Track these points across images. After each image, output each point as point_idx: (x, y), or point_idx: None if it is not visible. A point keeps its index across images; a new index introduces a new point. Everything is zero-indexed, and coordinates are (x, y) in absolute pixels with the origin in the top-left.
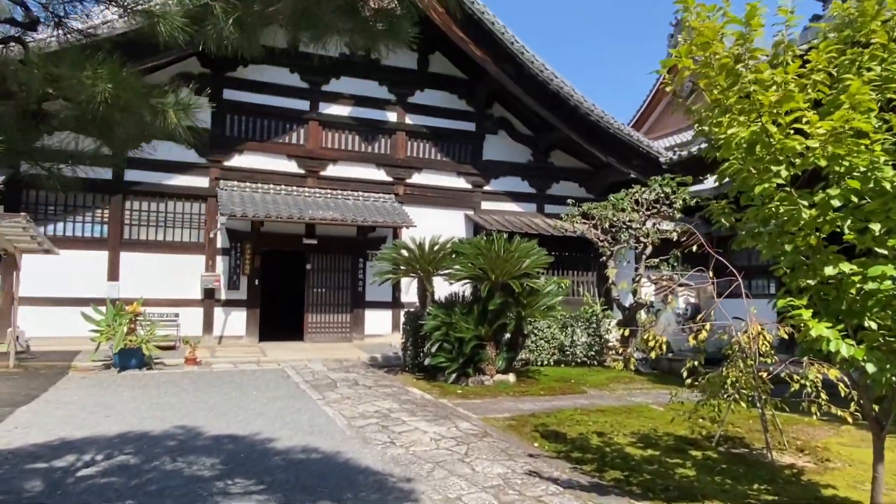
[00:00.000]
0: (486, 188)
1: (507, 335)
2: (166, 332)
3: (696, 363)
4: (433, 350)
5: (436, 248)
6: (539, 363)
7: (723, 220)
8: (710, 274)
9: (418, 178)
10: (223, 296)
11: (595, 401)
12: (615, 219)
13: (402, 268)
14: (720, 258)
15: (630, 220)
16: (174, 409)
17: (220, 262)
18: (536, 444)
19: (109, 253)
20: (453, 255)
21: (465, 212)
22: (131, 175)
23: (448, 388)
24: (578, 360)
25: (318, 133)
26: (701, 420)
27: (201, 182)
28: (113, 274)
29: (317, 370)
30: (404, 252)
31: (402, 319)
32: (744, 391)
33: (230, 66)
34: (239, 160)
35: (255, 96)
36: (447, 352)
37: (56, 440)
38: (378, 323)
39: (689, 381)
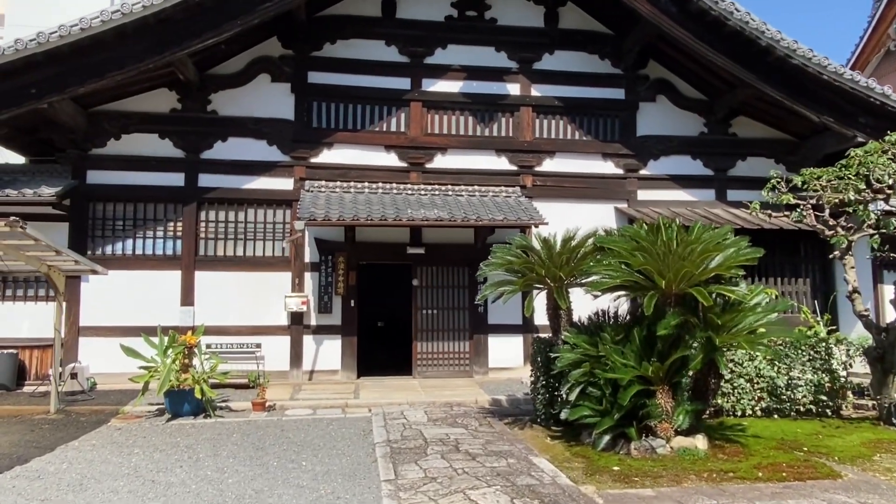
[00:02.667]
0: (644, 172)
1: (690, 374)
2: (245, 366)
3: None
4: (572, 397)
5: (571, 244)
6: (736, 413)
7: None
8: None
9: (550, 165)
10: (313, 321)
11: (870, 498)
12: (861, 190)
13: (521, 275)
14: None
15: (889, 188)
16: (162, 499)
17: (309, 280)
18: None
19: (182, 272)
20: (598, 255)
21: (615, 204)
22: (205, 180)
23: (597, 461)
24: (800, 409)
25: (422, 116)
26: None
27: (284, 184)
28: (187, 297)
29: (413, 421)
30: (525, 253)
31: (532, 346)
32: None
33: (315, 44)
34: (328, 156)
35: (345, 77)
36: (594, 400)
37: None
38: (505, 352)
39: None
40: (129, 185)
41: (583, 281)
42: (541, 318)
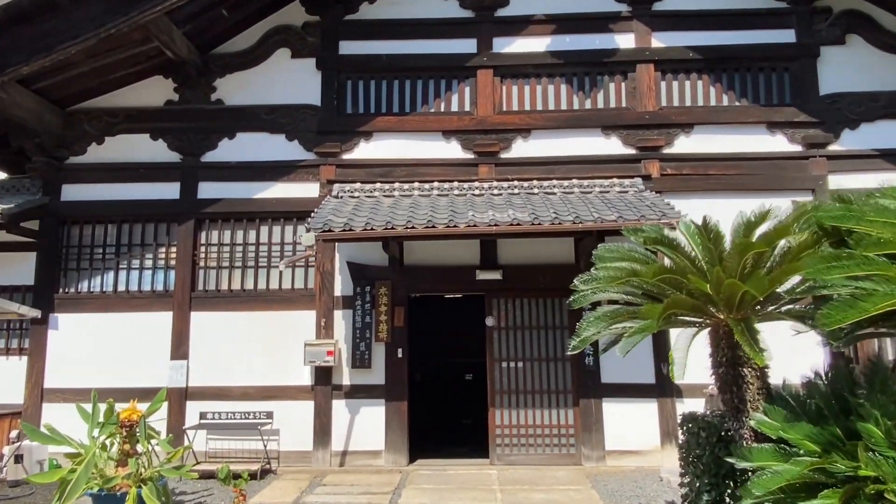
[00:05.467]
0: (835, 148)
1: None
2: (250, 444)
3: None
4: None
5: (757, 230)
6: None
7: None
8: None
9: (686, 144)
10: (345, 379)
11: None
12: None
13: (653, 299)
14: None
15: None
16: None
17: (340, 321)
18: None
19: (174, 314)
20: (821, 251)
21: (793, 197)
22: (206, 189)
23: None
24: None
25: (494, 89)
26: None
27: (308, 190)
28: (179, 348)
29: None
30: (659, 257)
31: (680, 431)
32: None
33: (348, 5)
34: (365, 149)
35: (387, 44)
36: None
37: None
38: (630, 426)
39: None
40: (112, 200)
41: (794, 307)
42: (687, 372)
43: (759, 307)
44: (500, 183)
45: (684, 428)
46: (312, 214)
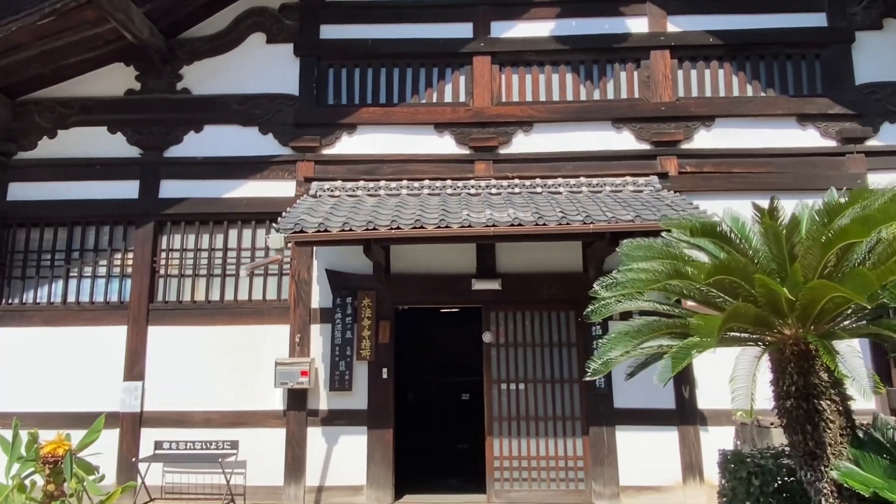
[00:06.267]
0: (873, 143)
1: None
2: (211, 478)
3: None
4: None
5: (839, 223)
6: None
7: None
8: None
9: (707, 139)
10: (322, 403)
11: None
12: None
13: (697, 314)
14: None
15: None
16: None
17: (317, 337)
18: None
19: (130, 328)
20: None
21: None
22: (169, 188)
23: None
24: None
25: (492, 78)
26: None
27: (283, 188)
28: (133, 367)
29: None
30: (698, 254)
31: (720, 475)
32: None
33: None
34: (348, 144)
35: (373, 29)
36: None
37: None
38: (647, 458)
39: None
40: (64, 200)
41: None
42: (709, 395)
43: (831, 321)
44: (498, 181)
45: (727, 470)
46: (284, 214)
